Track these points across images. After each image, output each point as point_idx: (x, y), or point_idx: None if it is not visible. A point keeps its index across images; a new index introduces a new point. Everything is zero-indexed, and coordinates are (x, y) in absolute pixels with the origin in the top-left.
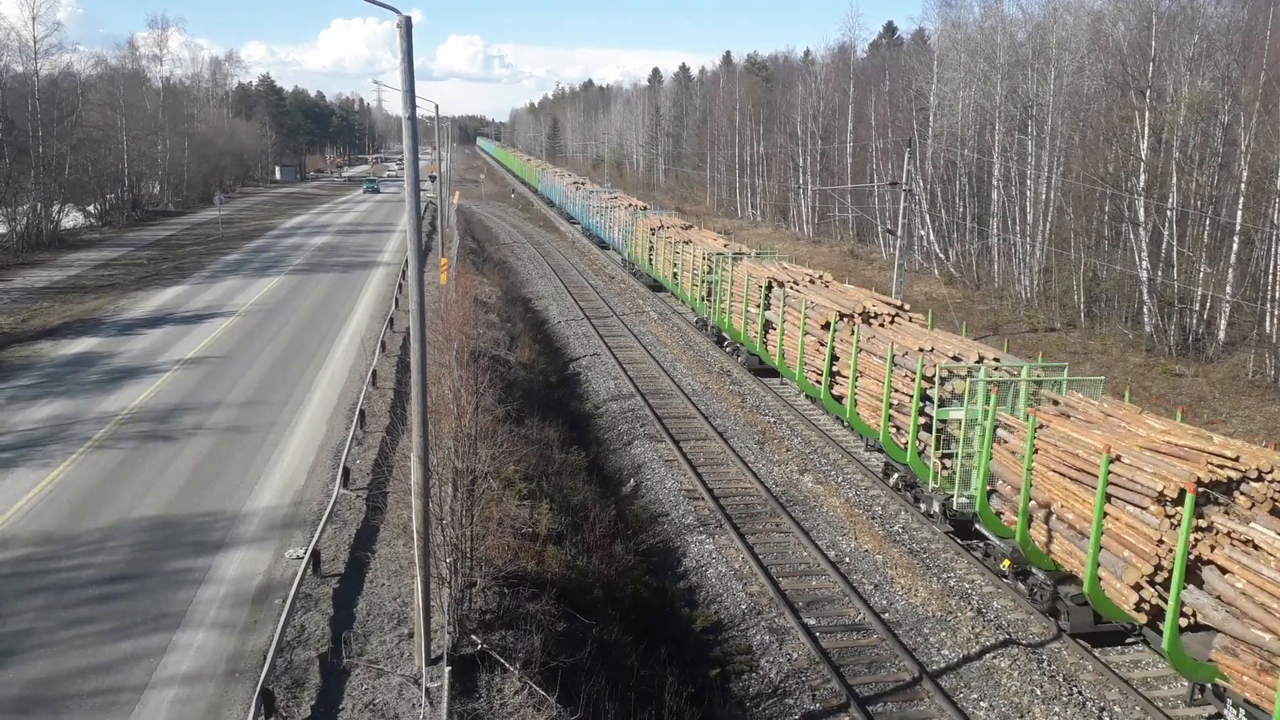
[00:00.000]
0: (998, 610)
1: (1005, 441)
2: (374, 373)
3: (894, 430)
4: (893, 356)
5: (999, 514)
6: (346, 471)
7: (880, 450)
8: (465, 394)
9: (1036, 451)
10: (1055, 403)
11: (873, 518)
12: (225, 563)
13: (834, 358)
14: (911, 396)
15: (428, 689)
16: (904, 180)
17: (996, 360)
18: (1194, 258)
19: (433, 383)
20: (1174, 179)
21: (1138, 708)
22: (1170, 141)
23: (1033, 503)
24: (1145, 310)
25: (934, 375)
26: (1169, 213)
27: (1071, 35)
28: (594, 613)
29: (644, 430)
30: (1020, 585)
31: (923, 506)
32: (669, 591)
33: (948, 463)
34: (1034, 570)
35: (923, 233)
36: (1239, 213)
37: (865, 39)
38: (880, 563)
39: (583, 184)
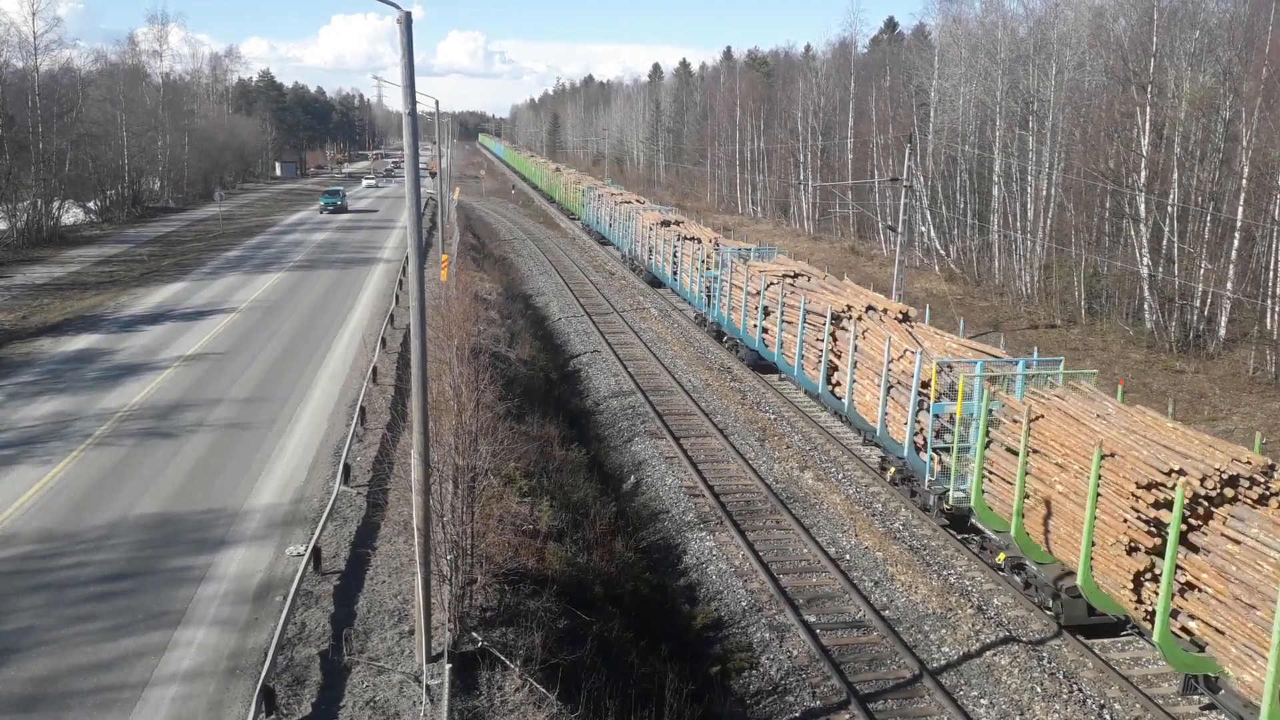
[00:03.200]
0: (998, 607)
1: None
2: (374, 369)
3: (736, 317)
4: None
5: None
6: (347, 468)
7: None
8: (466, 391)
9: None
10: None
11: (873, 515)
12: (226, 560)
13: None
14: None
15: (428, 686)
16: (905, 176)
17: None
18: (1195, 254)
19: (433, 379)
20: (1175, 175)
21: (1138, 705)
22: (1171, 137)
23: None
24: (1146, 306)
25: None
26: (1170, 209)
27: (1072, 30)
28: (594, 610)
29: (644, 427)
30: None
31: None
32: (669, 588)
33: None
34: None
35: (923, 229)
36: (1240, 209)
37: (866, 34)
38: (880, 559)
39: (679, 226)
